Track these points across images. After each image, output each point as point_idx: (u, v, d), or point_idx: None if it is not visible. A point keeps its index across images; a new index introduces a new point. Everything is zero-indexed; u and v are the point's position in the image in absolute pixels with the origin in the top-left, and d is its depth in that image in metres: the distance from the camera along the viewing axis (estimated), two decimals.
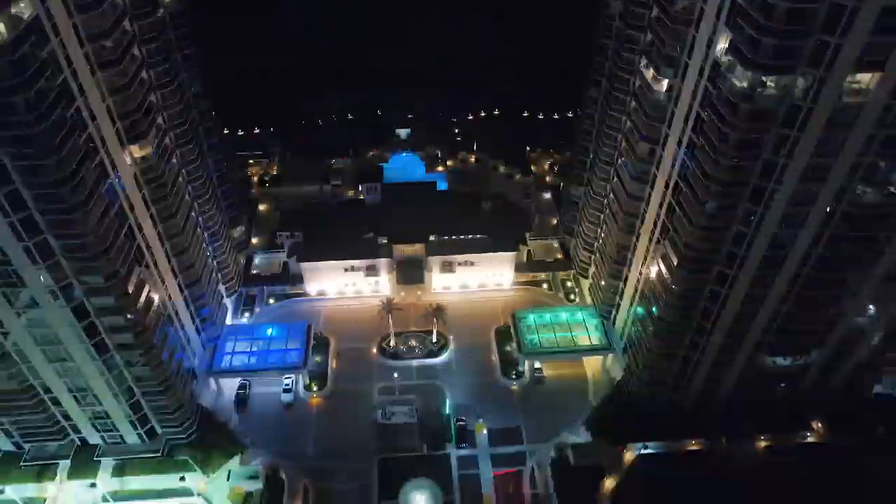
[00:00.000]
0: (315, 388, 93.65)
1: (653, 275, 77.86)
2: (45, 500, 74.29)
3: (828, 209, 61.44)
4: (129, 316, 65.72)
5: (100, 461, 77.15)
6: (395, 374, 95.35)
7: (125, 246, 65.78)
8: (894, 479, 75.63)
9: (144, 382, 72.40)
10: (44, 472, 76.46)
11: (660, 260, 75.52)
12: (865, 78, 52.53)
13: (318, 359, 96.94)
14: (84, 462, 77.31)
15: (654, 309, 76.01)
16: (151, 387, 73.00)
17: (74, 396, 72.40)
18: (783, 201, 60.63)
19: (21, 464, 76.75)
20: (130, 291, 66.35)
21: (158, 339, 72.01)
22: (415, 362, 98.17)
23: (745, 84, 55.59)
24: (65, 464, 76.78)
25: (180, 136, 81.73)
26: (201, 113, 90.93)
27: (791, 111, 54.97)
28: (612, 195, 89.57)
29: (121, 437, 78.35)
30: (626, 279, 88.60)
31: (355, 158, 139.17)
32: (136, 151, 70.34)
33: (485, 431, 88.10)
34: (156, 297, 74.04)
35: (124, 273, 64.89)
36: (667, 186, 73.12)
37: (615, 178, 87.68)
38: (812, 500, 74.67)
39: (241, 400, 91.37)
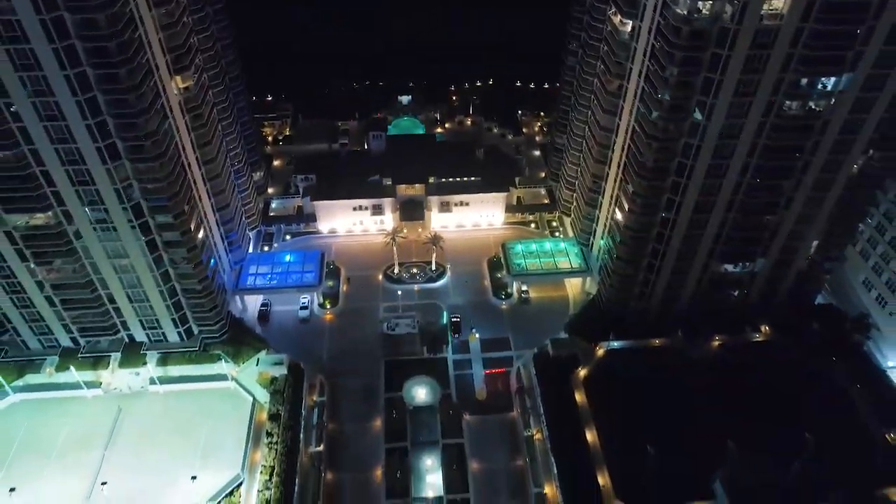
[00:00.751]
0: (328, 306, 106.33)
1: (619, 191, 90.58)
2: (100, 383, 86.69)
3: (759, 122, 74.18)
4: (177, 215, 78.36)
5: (146, 354, 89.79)
6: (399, 292, 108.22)
7: (175, 156, 78.45)
8: (822, 368, 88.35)
9: (186, 281, 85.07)
10: (98, 362, 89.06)
11: (623, 177, 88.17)
12: (779, 3, 65.17)
13: (330, 283, 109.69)
14: (132, 355, 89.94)
15: (620, 219, 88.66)
16: (192, 286, 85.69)
17: (127, 294, 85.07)
18: (722, 114, 73.24)
19: (79, 356, 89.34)
20: (179, 196, 79.01)
21: (199, 242, 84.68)
22: (416, 286, 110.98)
23: (685, 11, 68.25)
24: (115, 356, 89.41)
25: (212, 78, 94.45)
26: (228, 63, 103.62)
27: (722, 33, 67.60)
28: (588, 132, 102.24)
29: (163, 334, 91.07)
30: (600, 206, 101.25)
31: (361, 121, 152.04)
32: (180, 82, 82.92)
33: (477, 339, 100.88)
34: (198, 208, 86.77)
35: (174, 178, 77.52)
36: (630, 114, 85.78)
37: (591, 116, 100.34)
38: (756, 387, 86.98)
39: (264, 315, 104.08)
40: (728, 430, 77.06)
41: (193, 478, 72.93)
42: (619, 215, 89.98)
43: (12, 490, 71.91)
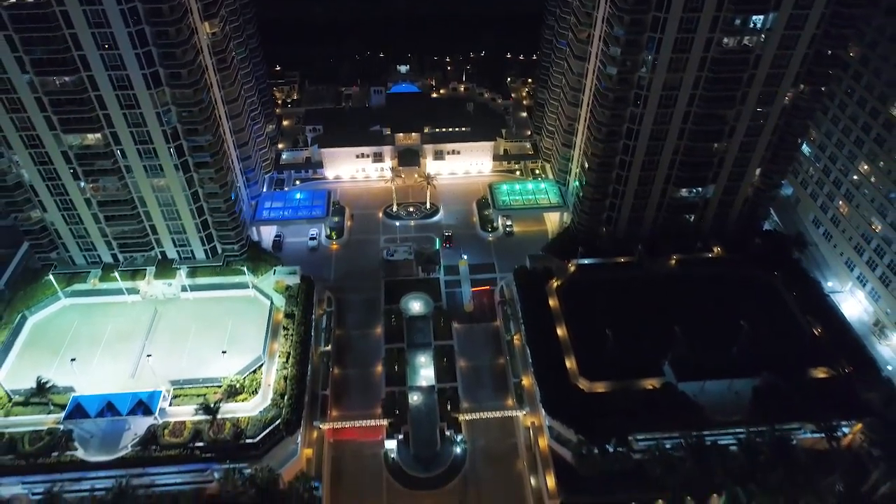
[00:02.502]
0: (335, 238, 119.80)
1: (588, 126, 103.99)
2: (139, 291, 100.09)
3: (701, 56, 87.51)
4: (207, 138, 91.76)
5: (177, 268, 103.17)
6: (397, 225, 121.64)
7: (205, 87, 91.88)
8: (764, 280, 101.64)
9: (213, 200, 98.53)
10: (136, 274, 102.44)
11: (591, 113, 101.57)
12: None
13: (335, 219, 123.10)
14: (165, 269, 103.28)
15: (589, 148, 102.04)
16: (217, 205, 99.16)
17: (162, 212, 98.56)
18: (669, 49, 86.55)
19: (118, 269, 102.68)
20: (209, 122, 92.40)
21: (225, 165, 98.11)
22: (412, 222, 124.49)
23: None
24: (151, 269, 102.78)
25: (234, 30, 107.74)
26: (246, 20, 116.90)
27: None
28: (564, 81, 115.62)
29: (191, 252, 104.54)
30: (574, 146, 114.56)
31: (362, 87, 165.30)
32: (208, 28, 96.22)
33: (466, 264, 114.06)
34: (223, 139, 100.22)
35: (205, 106, 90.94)
36: (596, 57, 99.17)
37: (566, 66, 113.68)
38: (705, 295, 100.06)
39: (277, 245, 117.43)
40: (679, 325, 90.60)
41: (224, 352, 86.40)
42: (588, 147, 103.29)
43: (73, 360, 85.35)
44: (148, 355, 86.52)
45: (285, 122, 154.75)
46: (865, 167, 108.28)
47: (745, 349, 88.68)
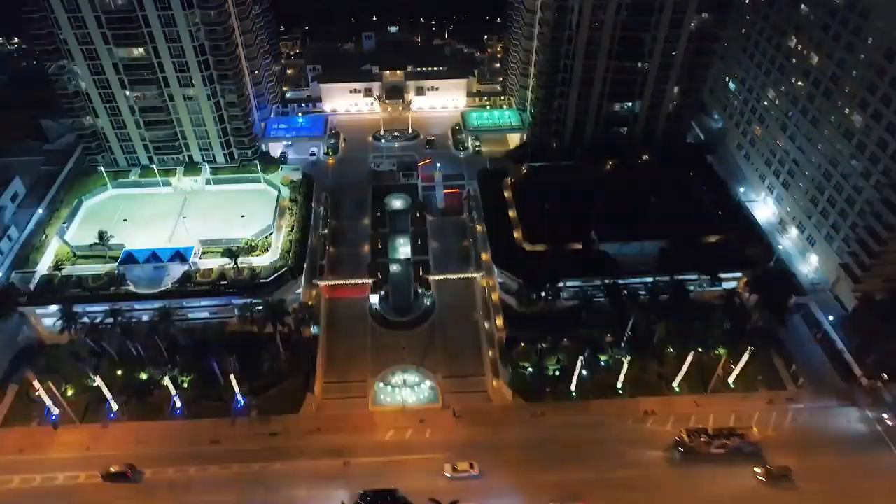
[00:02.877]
0: (331, 154, 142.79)
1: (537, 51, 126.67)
2: (171, 183, 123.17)
3: None
4: (228, 53, 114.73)
5: (202, 167, 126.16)
6: (383, 144, 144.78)
7: (227, 14, 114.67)
8: (683, 180, 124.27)
9: (232, 109, 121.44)
10: (168, 172, 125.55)
11: (539, 41, 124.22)
12: None
13: (332, 140, 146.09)
14: (192, 170, 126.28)
15: (539, 68, 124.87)
16: (235, 114, 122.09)
17: (190, 119, 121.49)
18: None
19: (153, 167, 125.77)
20: (229, 40, 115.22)
21: (242, 80, 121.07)
22: (396, 143, 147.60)
23: None
24: (180, 168, 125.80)
25: None
26: None
27: None
28: (521, 21, 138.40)
29: (213, 156, 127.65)
30: (529, 75, 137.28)
31: (357, 44, 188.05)
32: None
33: (441, 174, 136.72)
34: (239, 59, 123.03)
35: (227, 26, 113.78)
36: None
37: (522, 9, 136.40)
38: (633, 191, 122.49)
39: (283, 158, 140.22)
40: (605, 206, 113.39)
41: (242, 216, 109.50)
42: (537, 70, 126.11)
43: (125, 220, 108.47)
44: (183, 217, 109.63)
45: (289, 71, 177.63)
46: (772, 93, 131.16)
47: (656, 221, 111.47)
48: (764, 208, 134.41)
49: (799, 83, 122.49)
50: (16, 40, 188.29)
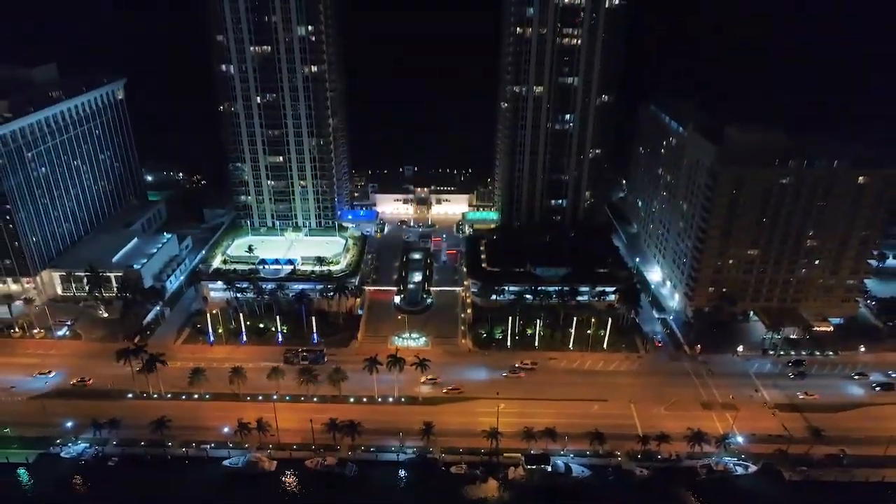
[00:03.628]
0: (379, 231, 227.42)
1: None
2: (283, 234, 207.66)
3: (544, 130, 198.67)
4: (328, 164, 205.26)
5: (303, 227, 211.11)
6: (412, 228, 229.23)
7: (329, 146, 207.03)
8: (592, 244, 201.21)
9: (324, 197, 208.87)
10: (283, 230, 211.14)
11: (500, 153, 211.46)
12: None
13: (380, 225, 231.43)
14: (296, 228, 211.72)
15: (501, 175, 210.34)
16: (327, 200, 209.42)
17: (300, 199, 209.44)
18: (529, 130, 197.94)
19: (277, 229, 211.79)
20: (328, 159, 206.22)
21: (330, 180, 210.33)
22: (420, 229, 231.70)
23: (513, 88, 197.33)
24: (289, 228, 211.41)
25: (334, 101, 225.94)
26: (344, 136, 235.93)
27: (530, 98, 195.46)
28: (500, 146, 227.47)
29: (309, 223, 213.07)
30: (501, 190, 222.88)
31: (401, 171, 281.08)
32: (331, 121, 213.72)
33: (445, 243, 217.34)
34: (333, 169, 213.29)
35: (327, 152, 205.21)
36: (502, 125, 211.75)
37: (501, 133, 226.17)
38: (562, 250, 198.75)
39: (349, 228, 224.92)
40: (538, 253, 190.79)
41: (326, 244, 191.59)
42: (501, 176, 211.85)
43: (252, 246, 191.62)
44: (290, 242, 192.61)
45: (359, 185, 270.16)
46: (656, 205, 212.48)
47: (568, 260, 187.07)
48: (656, 273, 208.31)
49: (663, 193, 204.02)
50: (180, 174, 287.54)
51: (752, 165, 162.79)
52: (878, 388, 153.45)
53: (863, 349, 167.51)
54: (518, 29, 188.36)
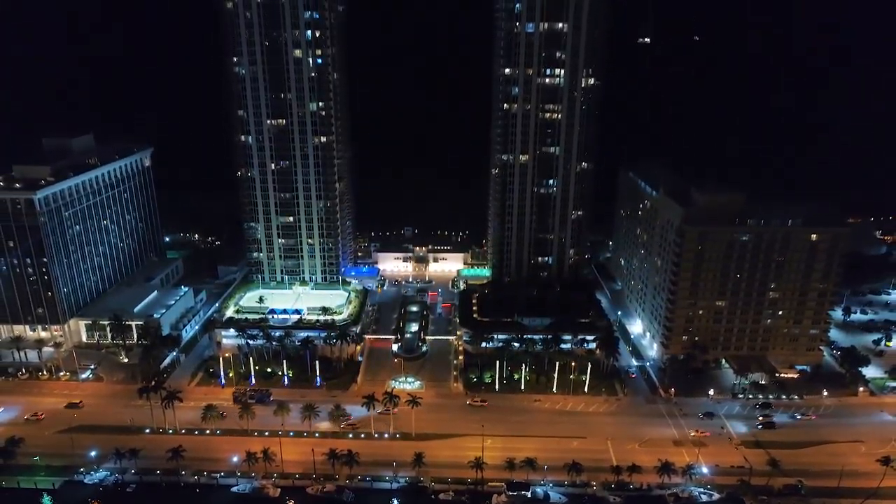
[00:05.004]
0: (380, 286, 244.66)
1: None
2: (291, 287, 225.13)
3: (531, 192, 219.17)
4: (333, 224, 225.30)
5: (309, 282, 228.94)
6: (410, 284, 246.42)
7: (335, 210, 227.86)
8: (577, 297, 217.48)
9: (330, 254, 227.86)
10: (291, 284, 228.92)
11: (493, 216, 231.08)
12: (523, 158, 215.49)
13: (381, 280, 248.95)
14: (303, 282, 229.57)
15: (493, 234, 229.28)
16: (332, 257, 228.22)
17: (308, 256, 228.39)
18: (517, 192, 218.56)
19: (284, 284, 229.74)
20: (334, 220, 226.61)
21: (335, 241, 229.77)
22: (418, 284, 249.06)
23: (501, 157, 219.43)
24: (297, 282, 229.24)
25: (341, 168, 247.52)
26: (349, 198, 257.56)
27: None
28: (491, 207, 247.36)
29: (316, 278, 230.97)
30: (492, 249, 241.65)
31: (401, 231, 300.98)
32: (338, 185, 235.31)
33: (441, 297, 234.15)
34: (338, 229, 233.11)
35: (334, 215, 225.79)
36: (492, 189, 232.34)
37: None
38: (550, 304, 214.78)
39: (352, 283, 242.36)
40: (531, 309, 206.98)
41: (329, 298, 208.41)
42: (492, 234, 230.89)
43: (263, 297, 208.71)
44: (297, 295, 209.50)
45: (360, 255, 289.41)
46: (636, 262, 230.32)
47: (552, 311, 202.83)
48: (637, 325, 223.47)
49: (641, 251, 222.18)
50: (196, 235, 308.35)
51: (714, 224, 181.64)
52: (760, 427, 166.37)
53: (826, 393, 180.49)
54: (505, 105, 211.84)
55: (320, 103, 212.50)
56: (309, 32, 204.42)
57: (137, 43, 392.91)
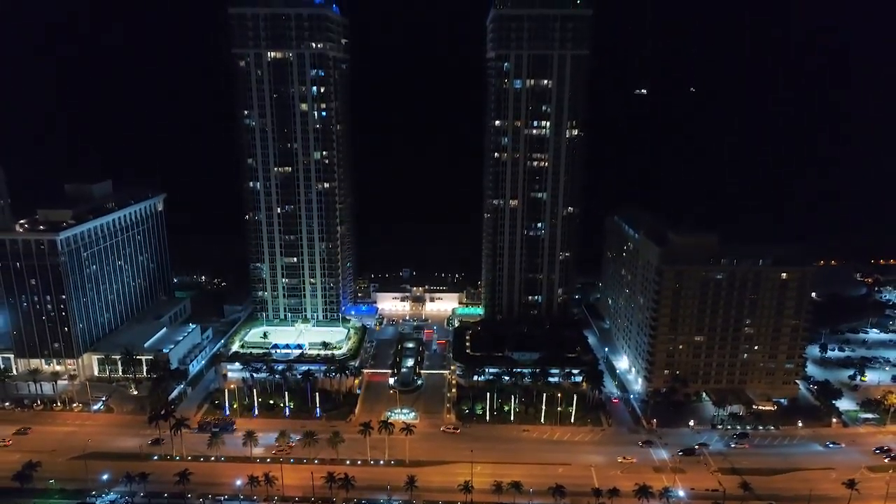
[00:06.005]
0: (378, 324, 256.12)
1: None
2: (294, 325, 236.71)
3: (521, 236, 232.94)
4: (335, 264, 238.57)
5: (311, 319, 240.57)
6: (407, 323, 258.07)
7: (336, 250, 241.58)
8: (565, 332, 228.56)
9: (330, 292, 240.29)
10: (294, 322, 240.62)
11: (485, 257, 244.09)
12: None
13: (379, 318, 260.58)
14: (305, 319, 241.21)
15: (486, 278, 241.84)
16: (332, 295, 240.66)
17: (310, 294, 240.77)
18: (506, 237, 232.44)
19: (288, 321, 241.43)
20: (335, 259, 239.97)
21: (337, 280, 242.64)
22: (414, 322, 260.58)
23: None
24: (298, 320, 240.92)
25: (343, 212, 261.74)
26: (350, 242, 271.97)
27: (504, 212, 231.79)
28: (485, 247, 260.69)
29: (316, 314, 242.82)
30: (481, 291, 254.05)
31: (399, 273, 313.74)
32: (340, 228, 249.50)
33: (436, 335, 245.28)
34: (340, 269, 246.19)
35: (335, 254, 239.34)
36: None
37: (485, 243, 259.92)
38: (538, 339, 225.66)
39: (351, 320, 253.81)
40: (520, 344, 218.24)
41: (330, 334, 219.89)
42: (486, 274, 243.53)
43: (265, 334, 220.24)
44: (300, 331, 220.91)
45: (360, 295, 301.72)
46: (622, 301, 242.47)
47: (541, 346, 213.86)
48: (623, 361, 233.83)
49: (626, 290, 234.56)
50: (202, 277, 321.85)
51: (690, 263, 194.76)
52: (680, 454, 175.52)
53: (800, 424, 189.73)
54: (496, 154, 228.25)
55: (324, 152, 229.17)
56: (314, 88, 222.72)
57: (153, 100, 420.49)
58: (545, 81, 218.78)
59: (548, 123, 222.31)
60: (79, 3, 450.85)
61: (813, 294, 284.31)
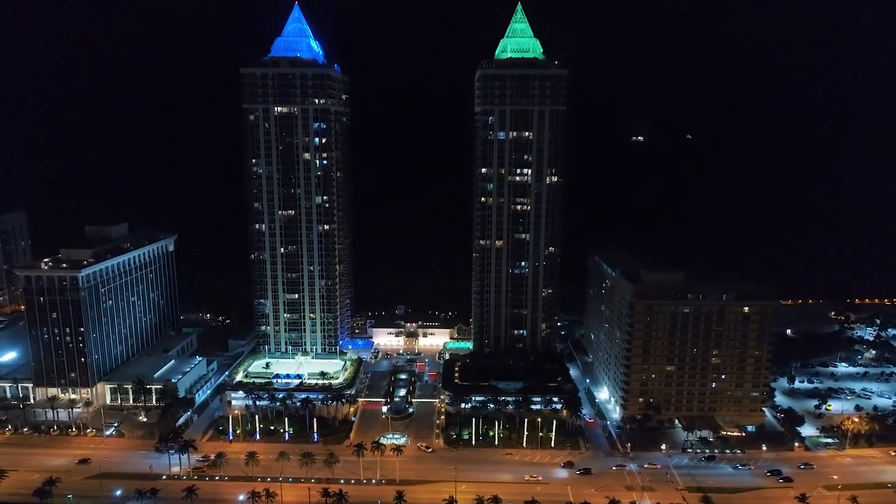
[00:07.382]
0: (374, 358, 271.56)
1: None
2: (294, 357, 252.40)
3: (507, 274, 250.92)
4: (333, 299, 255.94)
5: (309, 352, 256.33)
6: (401, 356, 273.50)
7: (335, 285, 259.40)
8: (550, 367, 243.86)
9: (328, 326, 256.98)
10: (294, 354, 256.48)
11: (474, 294, 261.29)
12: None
13: (375, 352, 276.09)
14: (304, 352, 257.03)
15: (476, 313, 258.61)
16: (331, 329, 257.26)
17: (310, 329, 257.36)
18: (494, 273, 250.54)
19: (288, 352, 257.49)
20: (334, 291, 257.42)
21: (335, 314, 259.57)
22: (408, 356, 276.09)
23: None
24: (299, 353, 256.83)
25: (341, 252, 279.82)
26: (348, 273, 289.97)
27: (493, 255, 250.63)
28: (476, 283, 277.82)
29: (315, 348, 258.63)
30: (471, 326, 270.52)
31: (394, 311, 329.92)
32: (338, 267, 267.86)
33: (427, 367, 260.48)
34: (337, 302, 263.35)
35: (333, 285, 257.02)
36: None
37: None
38: (525, 368, 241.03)
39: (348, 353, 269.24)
40: (505, 374, 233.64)
41: (329, 365, 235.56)
42: (475, 311, 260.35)
43: (269, 362, 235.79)
44: (300, 362, 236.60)
45: (357, 330, 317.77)
46: (602, 336, 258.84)
47: (524, 377, 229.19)
48: (604, 392, 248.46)
49: (605, 325, 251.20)
50: (208, 315, 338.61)
51: (660, 298, 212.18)
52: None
53: (765, 448, 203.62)
54: (483, 198, 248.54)
55: (325, 197, 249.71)
56: (317, 139, 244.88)
57: (162, 153, 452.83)
58: (526, 133, 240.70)
59: (529, 171, 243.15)
60: (103, 58, 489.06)
61: (788, 330, 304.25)
